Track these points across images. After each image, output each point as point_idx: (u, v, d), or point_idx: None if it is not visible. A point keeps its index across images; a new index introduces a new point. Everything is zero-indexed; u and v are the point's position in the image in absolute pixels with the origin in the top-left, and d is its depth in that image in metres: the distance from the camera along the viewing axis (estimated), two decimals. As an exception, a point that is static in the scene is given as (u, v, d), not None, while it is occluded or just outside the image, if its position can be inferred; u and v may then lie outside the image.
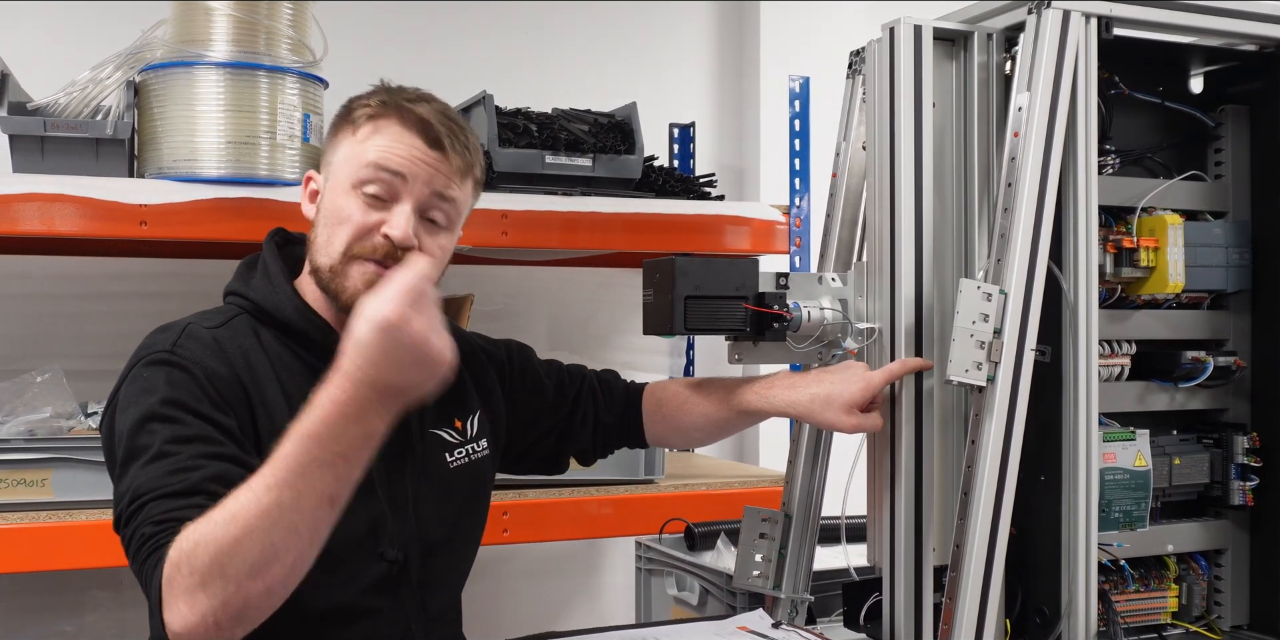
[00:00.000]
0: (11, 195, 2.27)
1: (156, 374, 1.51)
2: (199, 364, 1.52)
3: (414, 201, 1.59)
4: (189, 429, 1.45)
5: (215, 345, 1.57)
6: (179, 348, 1.54)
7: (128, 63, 2.45)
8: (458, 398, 1.79)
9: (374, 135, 1.60)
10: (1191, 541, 1.94)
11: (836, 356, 1.87)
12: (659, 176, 2.93)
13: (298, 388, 1.56)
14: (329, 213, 1.61)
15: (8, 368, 2.65)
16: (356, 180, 1.59)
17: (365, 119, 1.61)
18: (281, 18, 2.48)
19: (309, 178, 1.70)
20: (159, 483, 1.39)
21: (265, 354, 1.61)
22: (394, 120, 1.60)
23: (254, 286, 1.66)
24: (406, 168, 1.59)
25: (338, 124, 1.67)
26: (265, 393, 1.57)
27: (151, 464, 1.41)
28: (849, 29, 3.58)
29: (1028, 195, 1.65)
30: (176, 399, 1.48)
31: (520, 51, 3.50)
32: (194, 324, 1.60)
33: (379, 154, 1.58)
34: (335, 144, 1.65)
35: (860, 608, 1.87)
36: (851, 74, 1.97)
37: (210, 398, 1.50)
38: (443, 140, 1.60)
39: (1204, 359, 1.88)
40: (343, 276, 1.59)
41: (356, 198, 1.59)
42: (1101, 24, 1.72)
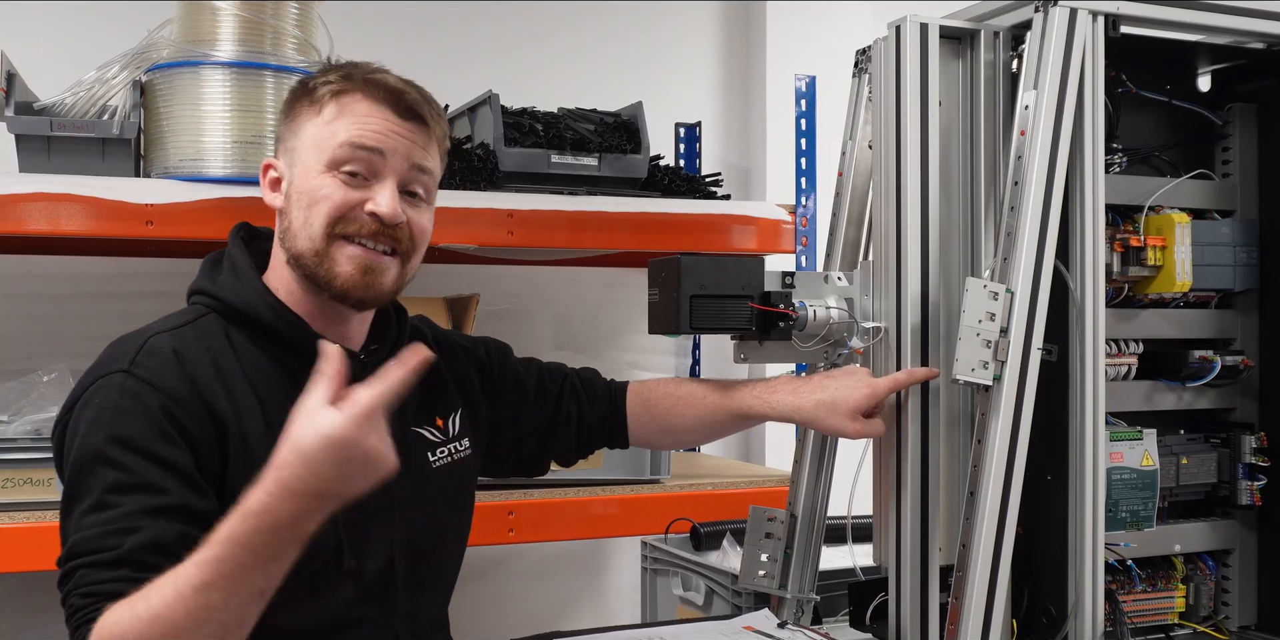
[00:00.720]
0: (18, 195, 2.27)
1: (108, 399, 1.42)
2: (155, 385, 1.44)
3: (395, 177, 1.53)
4: (132, 475, 1.38)
5: (175, 359, 1.47)
6: (136, 366, 1.45)
7: (134, 62, 2.45)
8: (438, 396, 1.75)
9: (342, 113, 1.52)
10: (1199, 541, 1.93)
11: (843, 356, 1.86)
12: (665, 176, 2.93)
13: (270, 390, 1.51)
14: (303, 195, 1.53)
15: (14, 367, 2.65)
16: (331, 161, 1.51)
17: (329, 96, 1.53)
18: (287, 17, 2.48)
19: (268, 165, 1.60)
20: (92, 545, 1.34)
21: (236, 356, 1.52)
22: (360, 95, 1.53)
23: (222, 284, 1.57)
24: (384, 143, 1.52)
25: (295, 105, 1.57)
26: (235, 398, 1.49)
27: (91, 514, 1.36)
28: (855, 28, 3.60)
29: (1034, 194, 1.65)
30: (123, 436, 1.40)
31: (526, 51, 3.50)
32: (156, 335, 1.51)
33: (353, 132, 1.51)
34: (296, 127, 1.56)
35: (866, 608, 1.87)
36: (858, 73, 1.97)
37: (161, 430, 1.41)
38: (419, 109, 1.54)
39: (1211, 358, 1.87)
40: (329, 261, 1.52)
41: (334, 178, 1.51)
42: (1108, 22, 1.71)
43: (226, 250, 1.62)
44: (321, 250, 1.52)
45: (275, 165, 1.60)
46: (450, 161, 2.65)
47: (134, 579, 1.29)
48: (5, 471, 2.31)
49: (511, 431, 1.88)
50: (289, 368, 1.53)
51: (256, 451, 1.45)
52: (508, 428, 1.87)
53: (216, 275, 1.59)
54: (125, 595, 1.28)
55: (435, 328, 1.87)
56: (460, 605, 1.87)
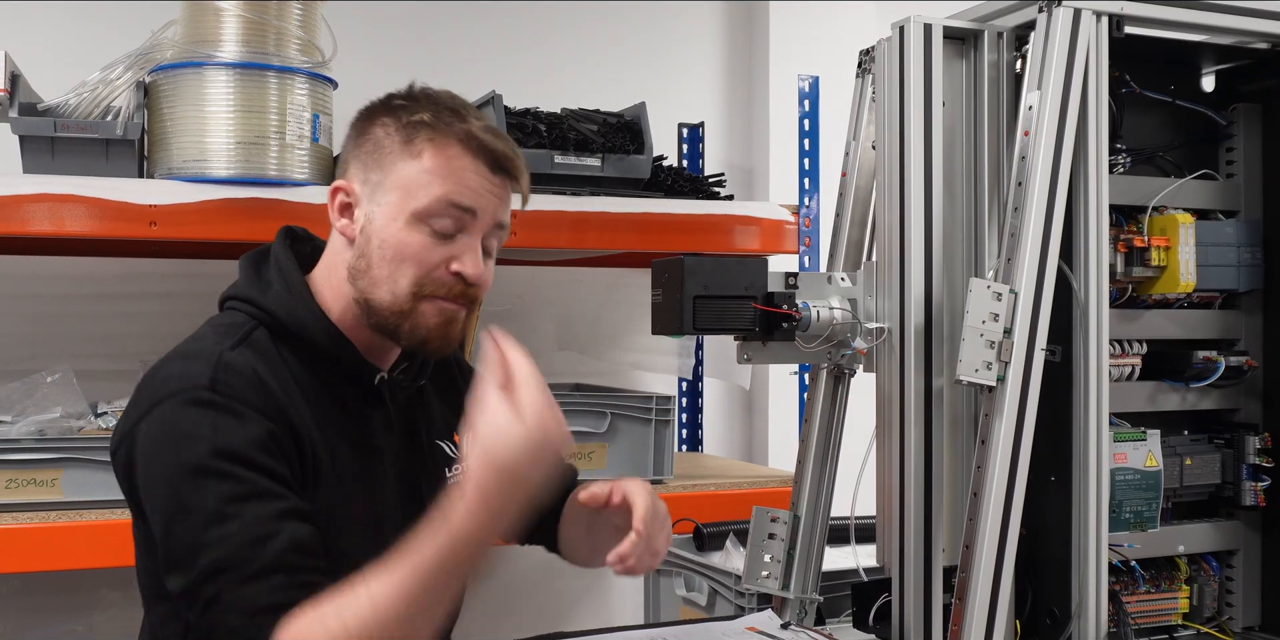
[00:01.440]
0: (22, 196, 2.28)
1: (200, 417, 1.39)
2: (245, 403, 1.41)
3: (480, 235, 1.52)
4: (245, 485, 1.36)
5: (256, 377, 1.45)
6: (220, 385, 1.41)
7: (138, 63, 2.46)
8: (458, 413, 1.70)
9: (440, 163, 1.48)
10: (1203, 542, 1.93)
11: (846, 356, 1.86)
12: (668, 176, 2.93)
13: (323, 411, 1.51)
14: (389, 245, 1.48)
15: (18, 368, 2.66)
16: (423, 212, 1.47)
17: (425, 141, 1.49)
18: (291, 18, 2.48)
19: (338, 188, 1.54)
20: (232, 559, 1.31)
21: (291, 375, 1.50)
22: (459, 147, 1.49)
23: (273, 298, 1.53)
24: (478, 203, 1.49)
25: (380, 135, 1.52)
26: (300, 412, 1.48)
27: (213, 527, 1.33)
28: (858, 28, 3.61)
29: (1038, 194, 1.65)
30: (227, 448, 1.37)
31: (530, 52, 3.50)
32: (228, 354, 1.46)
33: (451, 188, 1.48)
34: (383, 161, 1.51)
35: (869, 608, 1.87)
36: (861, 73, 1.97)
37: (262, 444, 1.40)
38: (510, 167, 1.52)
39: (1215, 359, 1.87)
40: (414, 316, 1.50)
41: (420, 231, 1.48)
42: (1112, 22, 1.71)
43: (272, 256, 1.58)
44: (406, 310, 1.50)
45: (351, 191, 1.53)
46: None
47: (290, 585, 1.30)
48: (9, 472, 2.32)
49: None
50: (334, 387, 1.53)
51: (319, 471, 1.47)
52: None
53: (265, 285, 1.54)
54: (290, 604, 1.28)
55: (459, 353, 1.84)
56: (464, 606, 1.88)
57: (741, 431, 3.78)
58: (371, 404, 1.58)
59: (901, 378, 1.75)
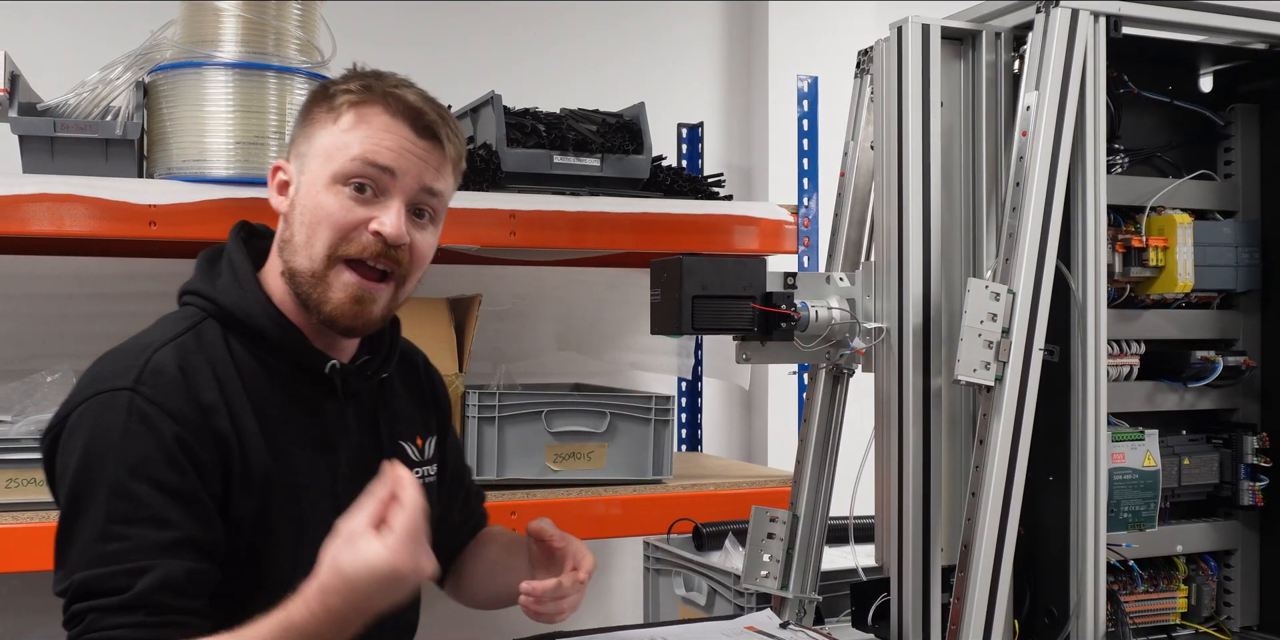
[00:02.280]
0: (21, 195, 2.28)
1: (113, 420, 1.37)
2: (163, 407, 1.39)
3: (404, 197, 1.49)
4: (139, 506, 1.35)
5: (181, 378, 1.42)
6: (142, 386, 1.39)
7: (137, 63, 2.46)
8: (423, 416, 1.73)
9: (358, 124, 1.48)
10: (1201, 542, 1.93)
11: (845, 356, 1.86)
12: (667, 176, 2.93)
13: (266, 400, 1.48)
14: (307, 209, 1.48)
15: (17, 368, 2.66)
16: (340, 174, 1.47)
17: (347, 106, 1.48)
18: (290, 18, 2.48)
19: (277, 167, 1.55)
20: (103, 585, 1.32)
21: (235, 365, 1.48)
22: (380, 107, 1.48)
23: (221, 289, 1.52)
24: (396, 162, 1.47)
25: (313, 110, 1.52)
26: (236, 414, 1.45)
27: (97, 544, 1.33)
28: (857, 28, 3.61)
29: (1036, 194, 1.65)
30: (131, 462, 1.36)
31: (529, 51, 3.50)
32: (159, 350, 1.44)
33: (366, 146, 1.46)
34: (311, 132, 1.51)
35: (868, 608, 1.87)
36: (859, 73, 1.97)
37: (170, 456, 1.37)
38: (435, 128, 1.50)
39: (1213, 359, 1.88)
40: (324, 285, 1.48)
41: (339, 193, 1.47)
42: (1110, 23, 1.72)
43: (225, 251, 1.57)
44: (319, 273, 1.48)
45: (285, 168, 1.55)
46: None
47: (150, 623, 1.31)
48: (8, 472, 2.32)
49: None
50: (284, 377, 1.51)
51: (255, 467, 1.45)
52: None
53: (215, 277, 1.54)
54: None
55: (421, 354, 1.82)
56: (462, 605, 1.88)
57: (740, 431, 3.79)
58: (325, 394, 1.55)
59: (900, 377, 1.75)
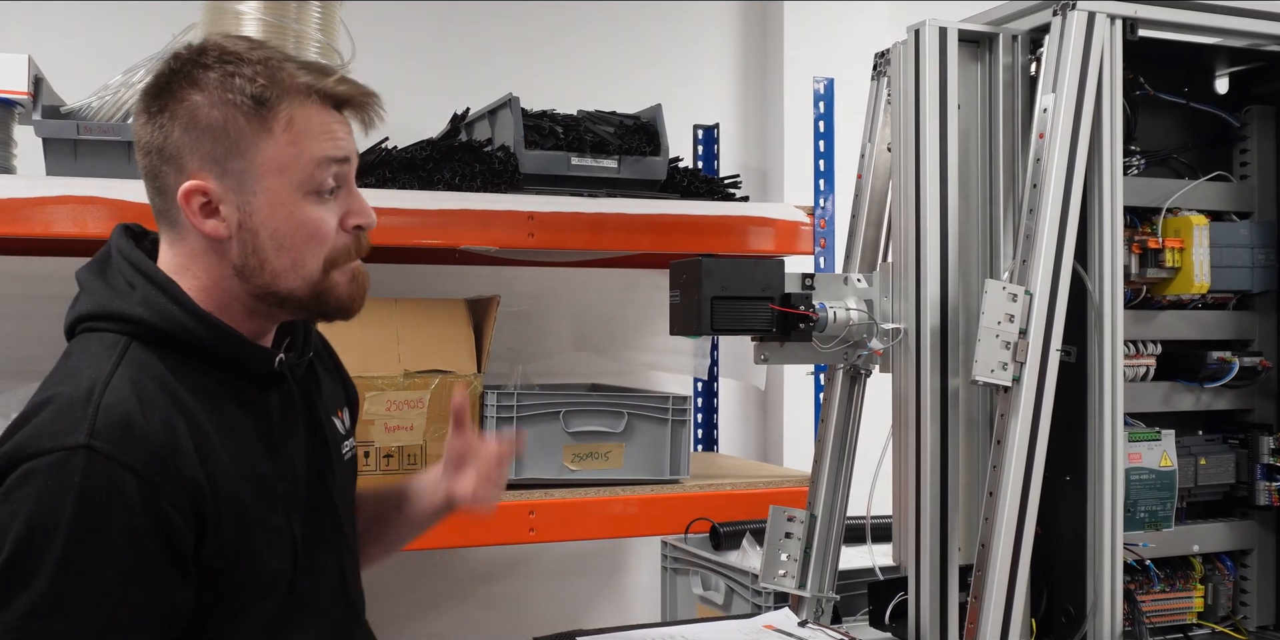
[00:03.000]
0: (45, 198, 2.30)
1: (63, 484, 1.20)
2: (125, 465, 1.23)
3: (353, 177, 1.43)
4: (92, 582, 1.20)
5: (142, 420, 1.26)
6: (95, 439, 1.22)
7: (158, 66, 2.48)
8: (336, 388, 1.66)
9: (304, 127, 1.36)
10: (1217, 542, 1.94)
11: (862, 357, 1.87)
12: (684, 178, 2.94)
13: (218, 415, 1.35)
14: (287, 231, 1.37)
15: (40, 368, 2.67)
16: (314, 183, 1.37)
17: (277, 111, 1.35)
18: (310, 21, 2.50)
19: (196, 189, 1.35)
20: None
21: (181, 387, 1.33)
22: (312, 103, 1.38)
23: (139, 303, 1.35)
24: (348, 147, 1.40)
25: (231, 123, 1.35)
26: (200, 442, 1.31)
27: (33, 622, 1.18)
28: (873, 30, 3.61)
29: (1053, 196, 1.66)
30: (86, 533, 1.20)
31: (546, 54, 3.52)
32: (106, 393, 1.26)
33: (327, 146, 1.38)
34: (245, 147, 1.35)
35: (886, 607, 1.88)
36: (876, 75, 1.98)
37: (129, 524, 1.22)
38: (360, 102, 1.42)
39: (1229, 359, 1.88)
40: (329, 288, 1.41)
41: (316, 202, 1.38)
42: (1126, 25, 1.73)
43: (119, 260, 1.41)
44: (319, 284, 1.40)
45: (208, 190, 1.35)
46: (471, 164, 2.68)
47: None
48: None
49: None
50: (227, 385, 1.40)
51: (224, 499, 1.32)
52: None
53: (123, 292, 1.37)
54: None
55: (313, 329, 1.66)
56: (482, 605, 1.89)
57: (757, 431, 3.79)
58: (268, 391, 1.45)
59: (917, 378, 1.76)
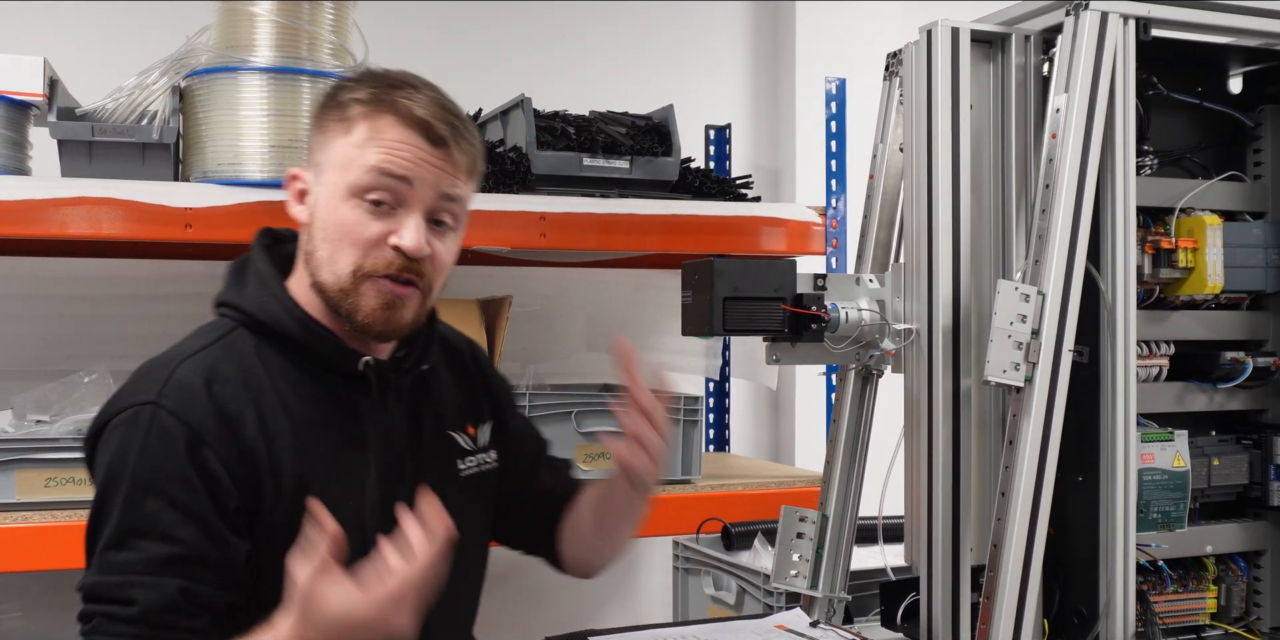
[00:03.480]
0: (60, 199, 2.31)
1: (133, 434, 1.41)
2: (183, 419, 1.41)
3: (422, 207, 1.47)
4: (148, 521, 1.38)
5: (205, 390, 1.43)
6: (164, 398, 1.42)
7: (173, 68, 2.49)
8: (474, 403, 1.71)
9: (372, 135, 1.46)
10: (1230, 542, 1.93)
11: (874, 357, 1.88)
12: (696, 178, 2.94)
13: (303, 405, 1.49)
14: (328, 225, 1.47)
15: (56, 368, 2.69)
16: (358, 187, 1.45)
17: (359, 117, 1.47)
18: (323, 22, 2.51)
19: (294, 175, 1.54)
20: (110, 593, 1.38)
21: (267, 373, 1.48)
22: (392, 119, 1.46)
23: (247, 296, 1.52)
24: (412, 171, 1.45)
25: (325, 118, 1.51)
26: (266, 423, 1.46)
27: (108, 552, 1.39)
28: (885, 31, 3.61)
29: (1065, 196, 1.66)
30: (145, 478, 1.39)
31: (558, 54, 3.52)
32: (185, 361, 1.46)
33: (381, 157, 1.45)
34: (325, 141, 1.49)
35: (898, 607, 1.88)
36: (888, 76, 1.98)
37: (183, 473, 1.40)
38: (447, 138, 1.47)
39: (1243, 359, 1.88)
40: (355, 296, 1.47)
41: (358, 207, 1.45)
42: (1139, 25, 1.72)
43: (250, 258, 1.57)
44: (348, 288, 1.47)
45: (302, 176, 1.54)
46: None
47: (147, 637, 1.37)
48: (48, 471, 2.35)
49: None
50: (321, 380, 1.52)
51: (286, 474, 1.45)
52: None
53: (242, 287, 1.55)
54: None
55: (472, 340, 1.82)
56: (493, 604, 1.89)
57: (768, 431, 3.80)
58: (361, 393, 1.54)
59: (930, 378, 1.76)
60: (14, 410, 2.48)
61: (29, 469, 2.34)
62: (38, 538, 2.27)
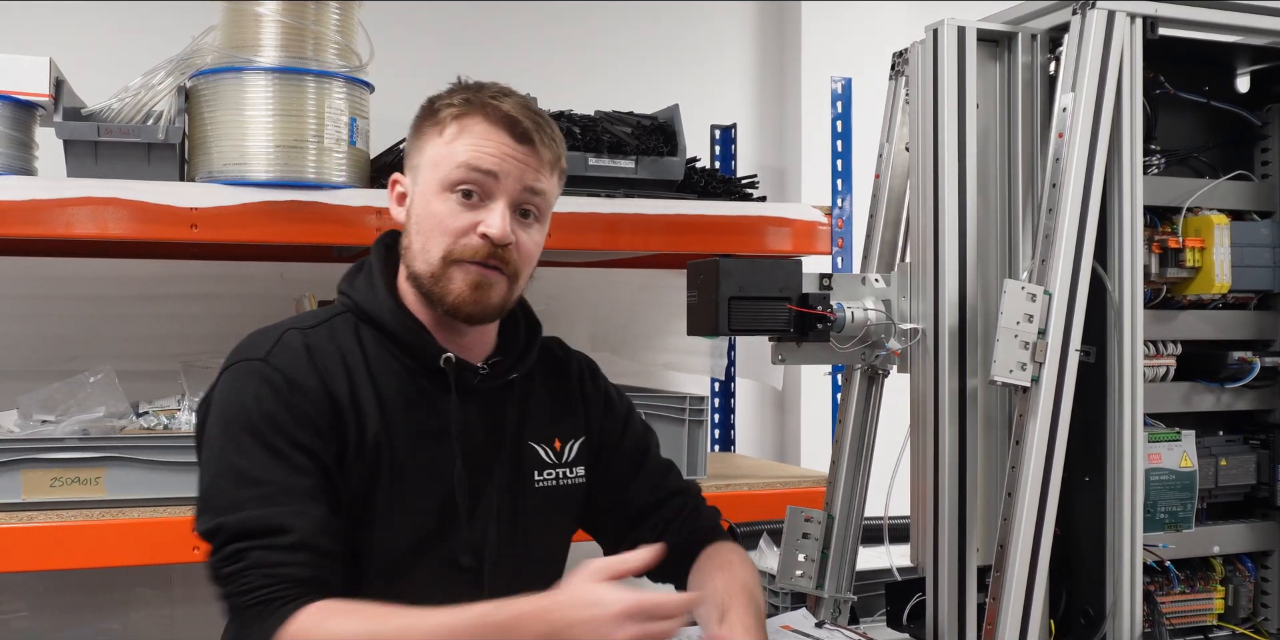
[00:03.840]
0: (67, 199, 2.32)
1: (247, 384, 1.54)
2: (287, 377, 1.55)
3: (508, 198, 1.60)
4: (278, 455, 1.50)
5: (307, 354, 1.58)
6: (272, 356, 1.57)
7: (179, 69, 2.50)
8: (566, 418, 1.79)
9: (461, 134, 1.60)
10: (1238, 543, 1.93)
11: (880, 357, 1.87)
12: (701, 178, 2.94)
13: (391, 388, 1.61)
14: (422, 218, 1.62)
15: (61, 368, 2.70)
16: (449, 181, 1.59)
17: (451, 119, 1.61)
18: (328, 22, 2.51)
19: (395, 181, 1.70)
20: (262, 524, 1.45)
21: (363, 353, 1.62)
22: (480, 118, 1.60)
23: (357, 287, 1.68)
24: (498, 165, 1.59)
25: (422, 124, 1.66)
26: (358, 391, 1.59)
27: (248, 488, 1.48)
28: (891, 30, 3.61)
29: (1072, 196, 1.65)
30: (268, 416, 1.52)
31: (564, 54, 3.52)
32: (291, 329, 1.62)
33: (470, 153, 1.59)
34: (421, 145, 1.65)
35: (903, 608, 1.88)
36: (894, 75, 1.98)
37: (296, 417, 1.53)
38: (531, 135, 1.61)
39: (1251, 359, 1.87)
40: (445, 280, 1.60)
41: (449, 200, 1.59)
42: (1146, 24, 1.72)
43: (368, 258, 1.72)
44: (438, 273, 1.60)
45: (402, 181, 1.69)
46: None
47: (313, 563, 1.46)
48: (54, 471, 2.36)
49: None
50: (409, 371, 1.63)
51: (368, 439, 1.57)
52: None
53: (355, 278, 1.70)
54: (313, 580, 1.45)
55: (588, 360, 1.90)
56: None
57: (774, 431, 3.79)
58: (442, 388, 1.64)
59: (936, 378, 1.75)
60: (19, 410, 2.48)
61: (34, 469, 2.35)
62: (43, 538, 2.28)
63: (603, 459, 1.83)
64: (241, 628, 1.46)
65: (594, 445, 1.82)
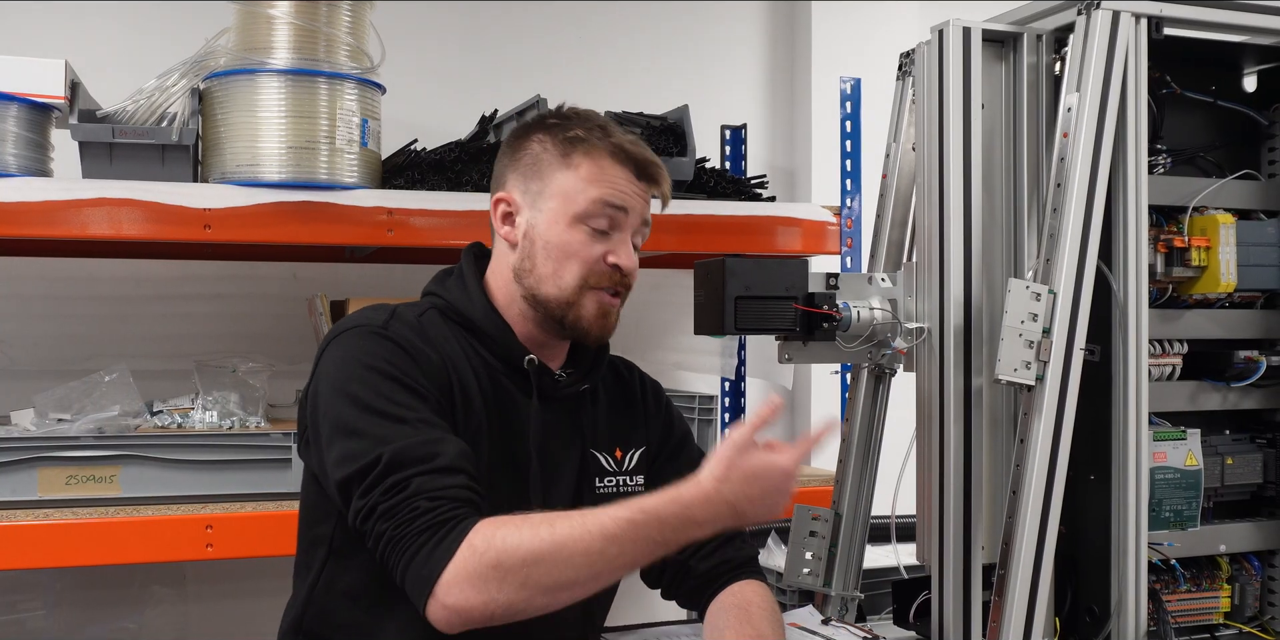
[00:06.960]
0: (82, 200, 2.34)
1: (373, 343, 1.62)
2: (410, 344, 1.64)
3: (630, 231, 1.73)
4: (414, 395, 1.58)
5: (421, 329, 1.68)
6: (391, 327, 1.65)
7: (192, 71, 2.51)
8: (629, 428, 1.86)
9: (596, 171, 1.70)
10: (1244, 541, 1.93)
11: (886, 356, 1.88)
12: (710, 178, 2.95)
13: (484, 380, 1.69)
14: (553, 245, 1.70)
15: (77, 367, 2.72)
16: (584, 214, 1.69)
17: (581, 154, 1.71)
18: (340, 24, 2.52)
19: (500, 199, 1.76)
20: (417, 452, 1.51)
21: (459, 345, 1.71)
22: (608, 156, 1.71)
23: (449, 287, 1.77)
24: (628, 202, 1.71)
25: (540, 151, 1.73)
26: (464, 380, 1.67)
27: (395, 426, 1.54)
28: (901, 30, 3.60)
29: (1077, 195, 1.66)
30: (398, 365, 1.60)
31: (573, 54, 3.53)
32: (401, 308, 1.71)
33: (606, 191, 1.70)
34: (541, 171, 1.73)
35: (910, 605, 1.89)
36: (901, 75, 1.99)
37: (424, 373, 1.61)
38: (654, 173, 1.74)
39: (1257, 358, 1.87)
40: (578, 306, 1.70)
41: (581, 231, 1.70)
42: (1151, 24, 1.72)
43: (459, 265, 1.81)
44: (572, 300, 1.71)
45: (512, 200, 1.75)
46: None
47: (470, 486, 1.52)
48: (69, 469, 2.38)
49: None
50: (492, 369, 1.71)
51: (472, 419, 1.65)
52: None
53: (446, 281, 1.79)
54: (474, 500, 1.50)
55: (654, 381, 1.99)
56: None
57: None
58: (524, 390, 1.72)
59: (941, 377, 1.77)
60: (36, 409, 2.50)
61: (51, 467, 2.37)
62: (59, 535, 2.29)
63: (653, 472, 1.87)
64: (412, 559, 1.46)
65: (651, 457, 1.88)
